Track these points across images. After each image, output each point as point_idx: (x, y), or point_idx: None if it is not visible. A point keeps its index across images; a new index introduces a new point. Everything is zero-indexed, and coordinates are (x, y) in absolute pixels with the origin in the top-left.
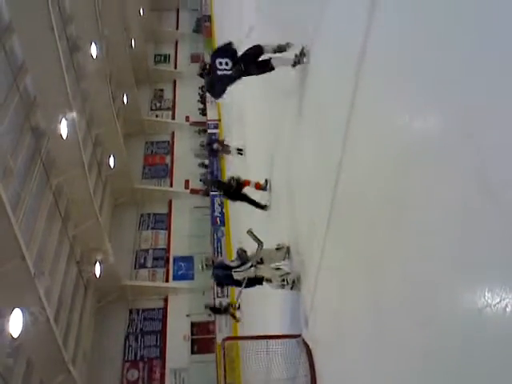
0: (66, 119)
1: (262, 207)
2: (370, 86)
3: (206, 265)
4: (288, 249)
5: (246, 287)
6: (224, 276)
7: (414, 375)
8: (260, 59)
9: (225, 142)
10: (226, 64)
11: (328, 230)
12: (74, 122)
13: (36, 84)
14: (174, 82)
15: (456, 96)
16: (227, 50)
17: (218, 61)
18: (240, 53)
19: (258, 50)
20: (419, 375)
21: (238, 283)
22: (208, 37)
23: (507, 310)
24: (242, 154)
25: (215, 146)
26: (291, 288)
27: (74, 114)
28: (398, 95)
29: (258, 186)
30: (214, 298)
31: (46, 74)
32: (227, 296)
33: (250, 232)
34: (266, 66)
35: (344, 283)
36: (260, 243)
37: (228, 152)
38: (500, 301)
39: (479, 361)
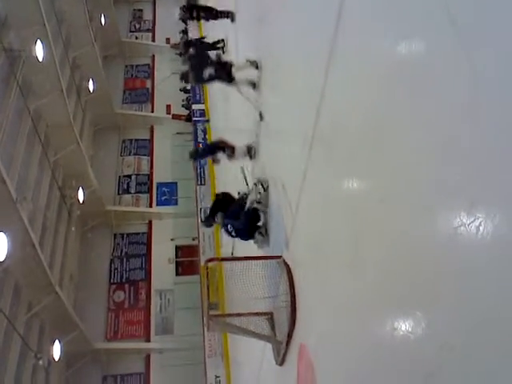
0: (41, 41)
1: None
2: (354, 8)
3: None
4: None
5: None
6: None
7: (389, 290)
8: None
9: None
10: None
11: (310, 153)
12: (50, 44)
13: (5, 1)
14: (154, 1)
15: (443, 18)
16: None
17: None
18: None
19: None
20: (393, 291)
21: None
22: None
23: (480, 228)
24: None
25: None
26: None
27: (49, 35)
28: (383, 18)
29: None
30: None
31: None
32: None
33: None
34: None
35: (325, 205)
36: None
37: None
38: (474, 220)
39: (451, 278)
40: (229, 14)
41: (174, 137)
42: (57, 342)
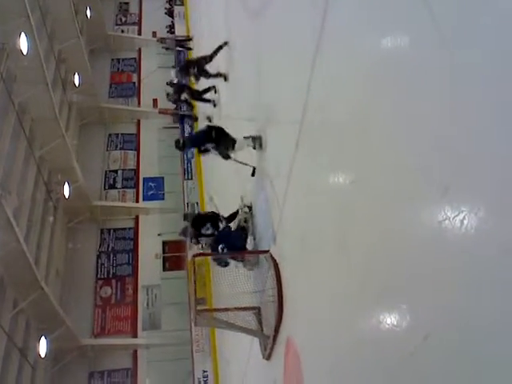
0: (26, 33)
1: None
2: (340, 8)
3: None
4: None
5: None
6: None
7: (374, 283)
8: None
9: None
10: None
11: (297, 148)
12: (34, 37)
13: None
14: None
15: (425, 16)
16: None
17: None
18: None
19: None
20: (379, 284)
21: None
22: None
23: (464, 222)
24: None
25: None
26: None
27: (33, 28)
28: (369, 14)
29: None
30: None
31: None
32: None
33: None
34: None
35: (311, 200)
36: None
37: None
38: (458, 214)
39: (436, 270)
40: (222, 75)
41: (160, 131)
42: (43, 338)
